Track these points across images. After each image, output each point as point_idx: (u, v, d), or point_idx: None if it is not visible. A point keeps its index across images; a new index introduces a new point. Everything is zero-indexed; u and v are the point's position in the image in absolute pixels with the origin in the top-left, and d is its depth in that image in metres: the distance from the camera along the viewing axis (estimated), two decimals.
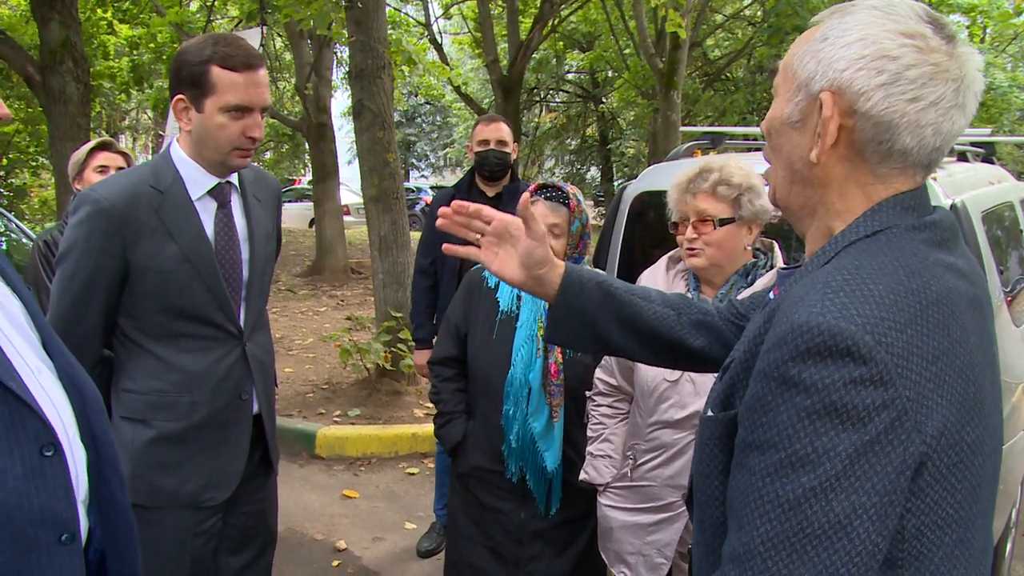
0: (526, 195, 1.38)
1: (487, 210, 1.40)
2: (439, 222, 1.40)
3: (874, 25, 0.98)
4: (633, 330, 1.39)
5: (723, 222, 2.13)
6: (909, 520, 0.91)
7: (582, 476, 2.35)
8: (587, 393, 2.41)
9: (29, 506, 1.13)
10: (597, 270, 1.44)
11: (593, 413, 2.38)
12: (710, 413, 1.06)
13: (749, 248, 2.18)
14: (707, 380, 2.10)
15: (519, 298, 2.42)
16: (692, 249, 2.17)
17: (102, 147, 3.06)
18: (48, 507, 1.15)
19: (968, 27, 15.11)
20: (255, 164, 2.19)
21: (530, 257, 1.37)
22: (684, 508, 2.15)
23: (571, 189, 2.38)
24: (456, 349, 2.52)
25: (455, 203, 1.41)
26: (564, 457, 2.37)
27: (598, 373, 2.38)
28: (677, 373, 2.15)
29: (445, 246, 1.45)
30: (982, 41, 17.38)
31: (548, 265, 1.38)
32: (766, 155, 1.13)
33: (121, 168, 2.94)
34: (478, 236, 1.41)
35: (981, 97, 1.02)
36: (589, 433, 2.38)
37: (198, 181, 2.04)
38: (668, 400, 2.17)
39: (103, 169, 2.96)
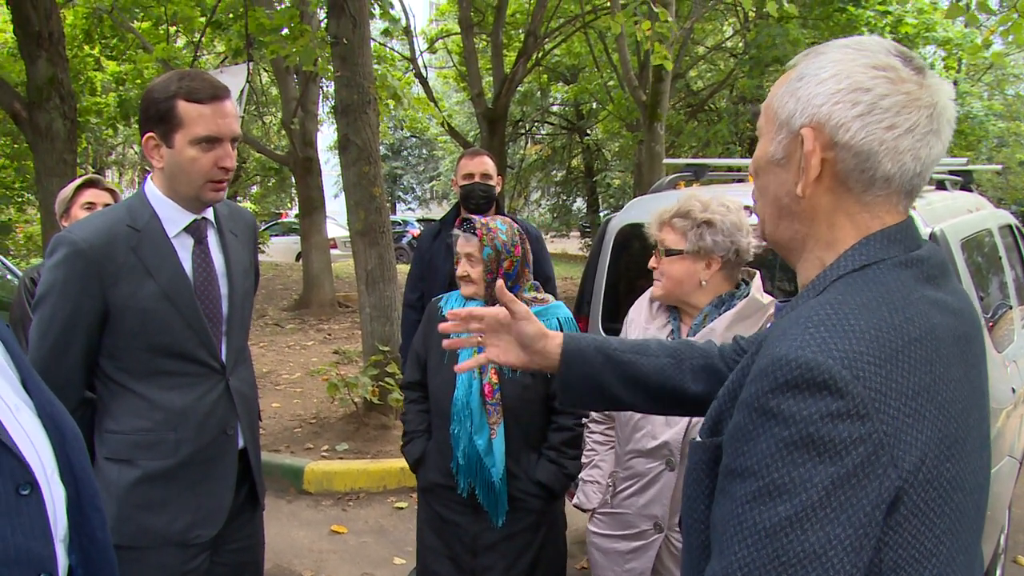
0: (500, 282, 1.46)
1: (476, 310, 1.47)
2: (445, 343, 1.52)
3: (846, 61, 1.02)
4: (637, 387, 1.44)
5: (669, 253, 2.18)
6: (887, 553, 0.92)
7: (574, 501, 2.45)
8: (583, 420, 2.51)
9: (4, 546, 1.12)
10: (594, 335, 1.50)
11: (587, 440, 2.47)
12: (698, 439, 1.08)
13: (705, 284, 2.18)
14: None
15: None
16: (657, 279, 2.23)
17: (89, 184, 3.05)
18: (24, 547, 1.14)
19: (944, 59, 15.39)
20: (229, 200, 2.20)
21: (523, 336, 1.44)
22: (656, 537, 2.20)
23: (487, 219, 2.53)
24: (419, 374, 2.74)
25: (449, 313, 1.50)
26: (508, 472, 2.49)
27: None
28: None
29: (447, 343, 1.55)
30: (958, 71, 17.69)
31: (544, 339, 1.44)
32: (754, 195, 1.17)
33: (108, 205, 2.93)
34: (479, 336, 1.49)
35: (955, 125, 1.05)
36: (583, 460, 2.46)
37: (174, 218, 2.04)
38: (641, 430, 2.21)
39: (90, 206, 2.95)
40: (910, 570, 0.93)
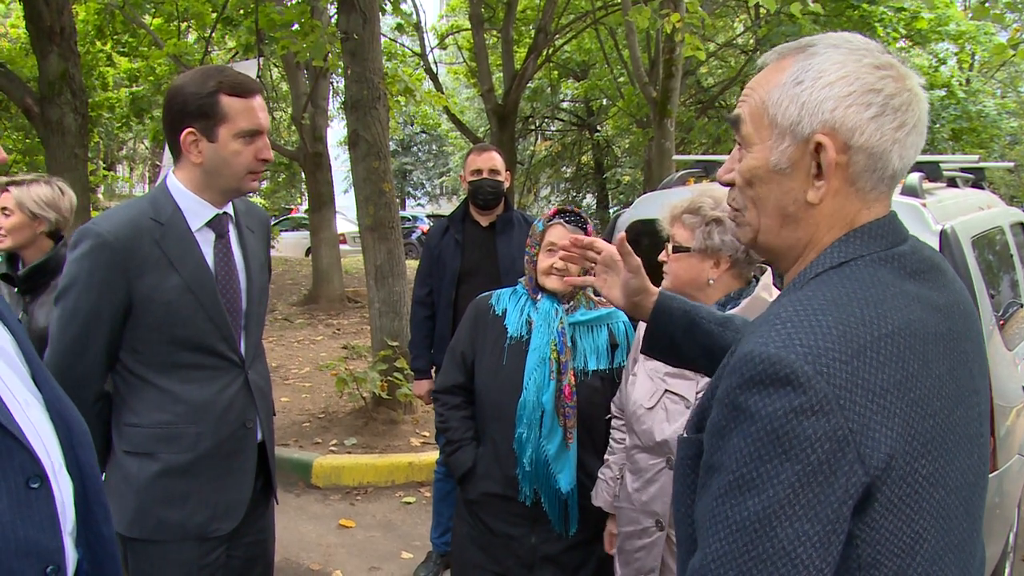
0: (622, 234, 1.52)
1: (598, 242, 1.64)
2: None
3: (850, 63, 1.02)
4: (713, 357, 1.50)
5: (677, 249, 2.14)
6: (863, 548, 0.92)
7: (594, 500, 2.38)
8: (606, 418, 2.43)
9: (14, 538, 1.13)
10: (688, 301, 1.61)
11: (611, 439, 2.41)
12: (685, 434, 1.10)
13: (712, 283, 2.13)
14: (678, 408, 2.13)
15: (529, 323, 2.45)
16: (666, 273, 2.21)
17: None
18: (33, 539, 1.15)
19: (957, 54, 15.28)
20: (245, 197, 2.22)
21: (627, 286, 1.58)
22: (658, 534, 2.18)
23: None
24: (463, 377, 2.53)
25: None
26: (577, 480, 2.38)
27: (614, 399, 2.40)
28: (653, 400, 2.17)
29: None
30: (971, 68, 17.57)
31: (643, 294, 1.58)
32: (738, 202, 1.12)
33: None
34: (592, 264, 1.66)
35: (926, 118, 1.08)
36: (606, 458, 2.42)
37: (197, 212, 2.05)
38: (643, 424, 2.19)
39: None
40: (891, 564, 0.93)
